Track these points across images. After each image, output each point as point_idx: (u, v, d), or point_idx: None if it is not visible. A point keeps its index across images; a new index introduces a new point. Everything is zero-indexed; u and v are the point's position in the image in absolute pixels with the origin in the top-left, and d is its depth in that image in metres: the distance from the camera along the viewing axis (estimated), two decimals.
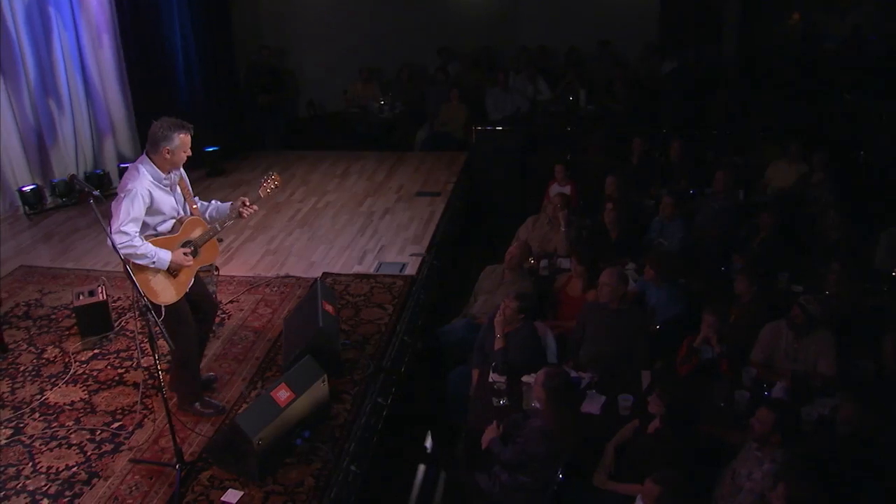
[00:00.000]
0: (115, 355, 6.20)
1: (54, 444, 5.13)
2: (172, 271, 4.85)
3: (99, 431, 5.25)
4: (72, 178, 4.44)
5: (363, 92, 13.29)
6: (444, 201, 9.61)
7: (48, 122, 9.82)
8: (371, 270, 7.73)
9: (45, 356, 6.26)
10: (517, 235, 8.08)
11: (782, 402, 5.04)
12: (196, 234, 5.00)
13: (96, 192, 4.48)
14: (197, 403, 5.36)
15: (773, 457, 4.36)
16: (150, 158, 4.73)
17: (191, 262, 4.92)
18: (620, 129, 10.92)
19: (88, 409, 5.50)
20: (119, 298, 7.09)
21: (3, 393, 5.74)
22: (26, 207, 9.47)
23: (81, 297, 6.53)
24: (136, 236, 4.58)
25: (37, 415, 5.46)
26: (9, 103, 9.37)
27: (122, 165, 10.46)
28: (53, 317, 6.92)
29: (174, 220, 4.92)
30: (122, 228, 4.55)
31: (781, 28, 13.51)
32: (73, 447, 5.10)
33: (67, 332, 6.62)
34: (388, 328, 6.57)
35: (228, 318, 6.83)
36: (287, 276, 7.66)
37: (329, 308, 6.01)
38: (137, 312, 4.67)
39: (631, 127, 10.91)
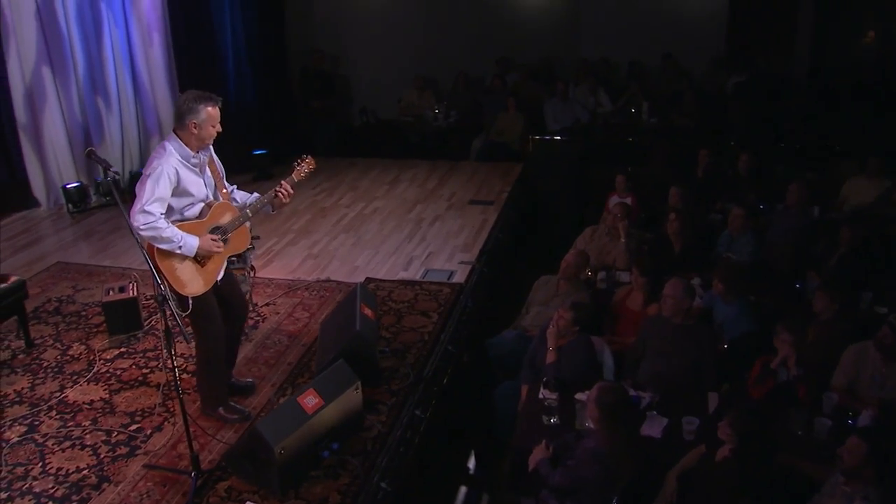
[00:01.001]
0: (141, 355, 5.86)
1: (67, 444, 4.77)
2: (200, 259, 4.48)
3: (115, 433, 4.88)
4: (90, 152, 4.04)
5: (418, 100, 12.96)
6: (497, 210, 9.16)
7: (95, 119, 9.66)
8: (417, 277, 7.30)
9: (70, 353, 5.94)
10: (574, 245, 7.58)
11: (876, 432, 4.44)
12: (226, 219, 4.61)
13: (115, 170, 4.14)
14: (221, 408, 4.96)
15: (866, 493, 3.78)
16: (177, 135, 4.39)
17: (220, 249, 4.53)
18: (685, 142, 10.42)
19: (107, 410, 5.14)
20: (151, 297, 6.75)
21: (23, 389, 5.42)
22: (70, 205, 9.27)
23: (111, 293, 6.21)
24: (161, 218, 4.21)
25: (53, 413, 5.12)
26: (57, 100, 9.23)
27: None
28: (84, 313, 6.62)
29: (203, 205, 4.54)
30: (147, 208, 4.19)
31: (857, 39, 12.81)
32: (87, 448, 4.73)
33: (96, 330, 6.31)
34: (432, 337, 6.12)
35: (263, 321, 6.45)
36: (328, 280, 7.27)
37: (368, 312, 5.59)
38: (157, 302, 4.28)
39: (697, 139, 10.39)
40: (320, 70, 12.57)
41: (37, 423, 5.01)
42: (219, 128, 4.42)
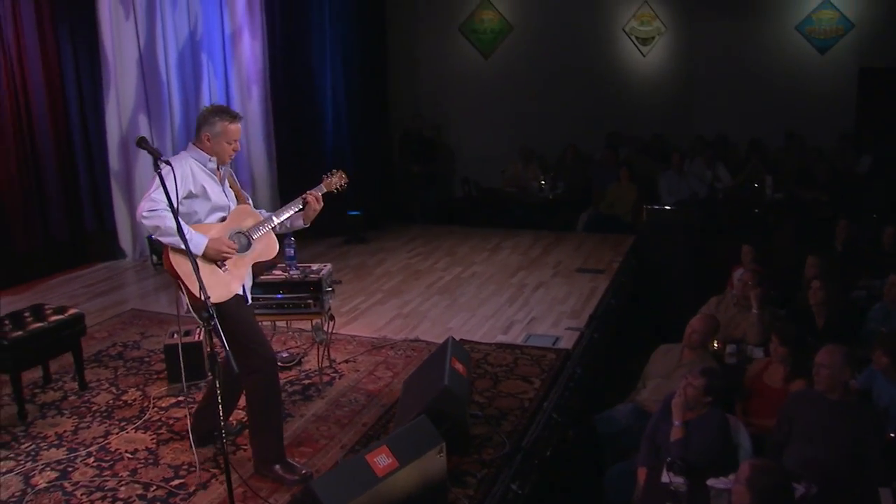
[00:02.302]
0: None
1: (98, 495, 4.07)
2: (216, 261, 3.97)
3: (154, 487, 4.14)
4: (141, 139, 3.46)
5: (523, 172, 12.30)
6: (608, 279, 8.26)
7: None
8: (517, 341, 6.45)
9: (124, 398, 5.32)
10: (701, 311, 6.63)
11: None
12: (247, 223, 4.19)
13: (164, 158, 3.55)
14: (277, 466, 4.16)
15: None
16: (193, 146, 4.13)
17: (234, 249, 4.02)
18: (817, 216, 9.55)
19: (150, 461, 4.43)
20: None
21: (65, 432, 4.80)
22: (154, 256, 8.82)
23: (175, 337, 5.57)
24: (166, 206, 3.60)
25: (91, 460, 4.45)
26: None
27: None
28: (147, 359, 6.03)
29: (224, 214, 4.12)
30: (152, 195, 3.75)
31: None
32: (119, 502, 4.00)
33: (156, 377, 5.67)
34: (533, 405, 5.23)
35: (339, 378, 5.69)
36: (416, 340, 6.50)
37: (460, 368, 4.77)
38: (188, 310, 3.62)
39: (830, 214, 9.49)
40: (421, 134, 12.10)
41: (71, 469, 4.34)
42: (236, 146, 4.16)
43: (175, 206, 3.51)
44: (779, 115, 12.01)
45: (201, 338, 5.50)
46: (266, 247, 4.25)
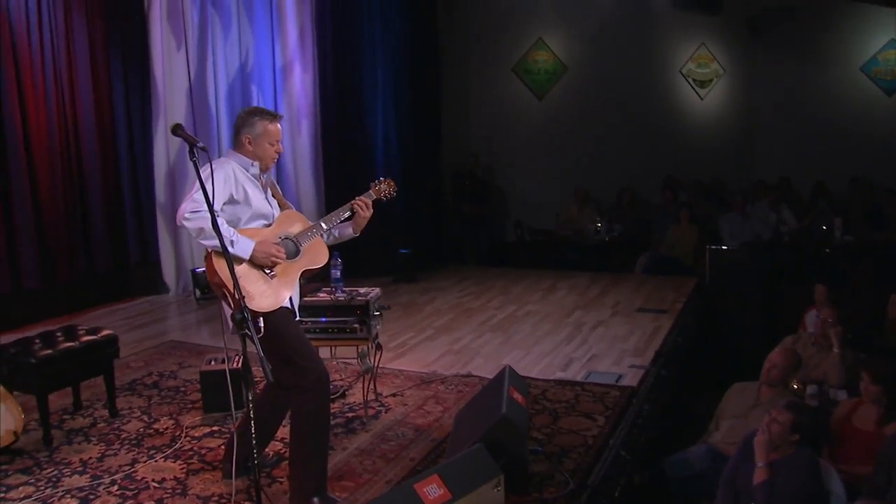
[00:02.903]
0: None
1: None
2: (264, 267, 3.66)
3: None
4: (176, 126, 3.16)
5: (577, 215, 11.91)
6: (672, 319, 7.77)
7: None
8: (577, 379, 6.00)
9: (156, 426, 4.97)
10: (782, 343, 6.15)
11: None
12: (295, 228, 3.90)
13: (201, 144, 3.24)
14: (316, 499, 3.75)
15: None
16: (233, 152, 3.89)
17: (282, 255, 3.70)
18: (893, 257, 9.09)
19: (178, 491, 4.05)
20: (259, 377, 5.75)
21: (90, 459, 4.46)
22: (197, 290, 8.57)
23: (213, 364, 5.24)
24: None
25: (115, 488, 4.08)
26: (197, 180, 8.73)
27: None
28: (183, 389, 5.69)
29: (266, 223, 3.82)
30: (194, 196, 3.46)
31: None
32: None
33: (191, 406, 5.32)
34: (598, 441, 4.75)
35: (386, 412, 5.28)
36: (469, 376, 6.07)
37: (518, 397, 4.36)
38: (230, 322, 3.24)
39: None
40: (474, 174, 11.79)
41: (92, 497, 3.98)
42: (278, 147, 3.91)
43: (211, 199, 3.21)
44: (844, 158, 11.56)
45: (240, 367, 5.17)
46: (316, 254, 3.94)
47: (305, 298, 4.97)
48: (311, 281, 5.17)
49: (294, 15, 9.39)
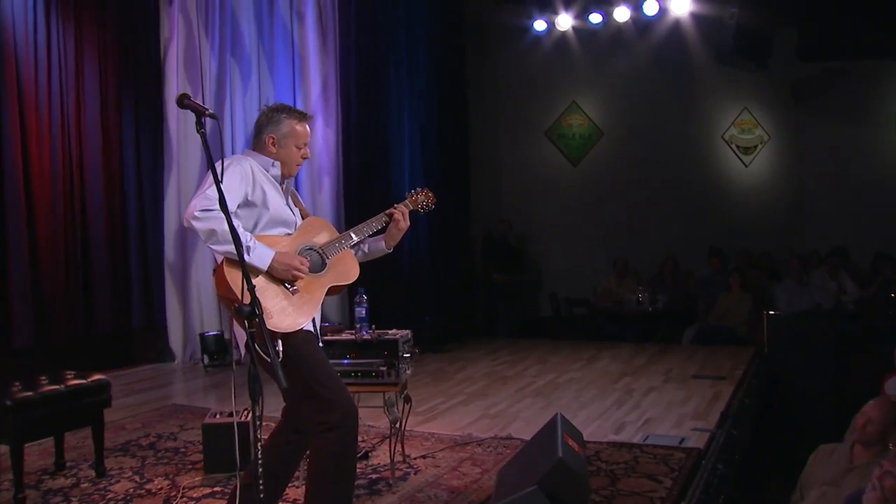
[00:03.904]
0: None
1: None
2: (284, 282, 3.07)
3: None
4: (183, 96, 2.58)
5: (617, 287, 11.19)
6: (733, 385, 6.98)
7: None
8: (634, 441, 5.23)
9: (148, 487, 4.28)
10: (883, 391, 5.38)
11: None
12: (320, 239, 3.35)
13: (211, 111, 2.79)
14: None
15: None
16: (251, 151, 3.37)
17: (306, 268, 3.11)
18: None
19: None
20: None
21: None
22: (205, 356, 7.90)
23: (218, 417, 4.56)
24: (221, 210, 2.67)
25: None
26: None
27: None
28: (183, 450, 4.99)
29: (287, 231, 3.25)
30: (207, 192, 2.90)
31: None
32: None
33: (190, 467, 4.62)
34: (668, 503, 3.99)
35: (415, 474, 4.54)
36: (509, 438, 5.33)
37: (574, 445, 3.63)
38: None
39: None
40: (506, 241, 11.17)
41: None
42: (305, 152, 3.42)
43: (221, 189, 2.65)
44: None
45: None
46: (344, 269, 3.35)
47: (325, 337, 4.32)
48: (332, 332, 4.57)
49: (317, 65, 8.97)
